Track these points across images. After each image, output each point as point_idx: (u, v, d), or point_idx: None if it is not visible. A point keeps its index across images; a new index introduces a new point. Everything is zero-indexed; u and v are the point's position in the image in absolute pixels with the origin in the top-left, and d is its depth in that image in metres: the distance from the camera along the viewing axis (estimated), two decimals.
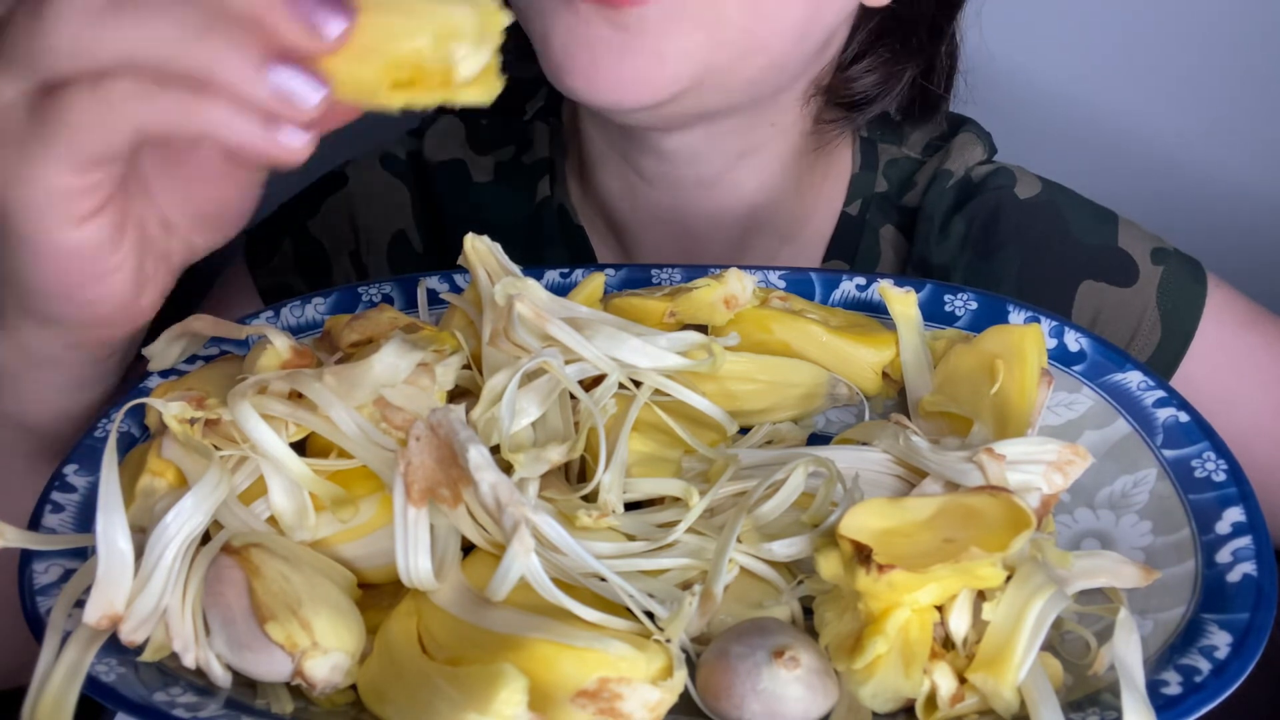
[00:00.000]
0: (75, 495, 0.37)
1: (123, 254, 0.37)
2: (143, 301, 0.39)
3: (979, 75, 0.61)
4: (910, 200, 0.60)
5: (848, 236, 0.61)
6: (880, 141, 0.62)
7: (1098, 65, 0.81)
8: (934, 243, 0.58)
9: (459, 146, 0.64)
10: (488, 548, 0.33)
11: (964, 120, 0.62)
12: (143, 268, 0.38)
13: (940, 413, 0.41)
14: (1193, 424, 0.39)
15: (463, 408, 0.34)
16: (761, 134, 0.55)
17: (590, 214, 0.62)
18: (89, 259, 0.36)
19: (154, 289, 0.40)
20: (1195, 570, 0.34)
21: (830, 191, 0.61)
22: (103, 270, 0.37)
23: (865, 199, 0.61)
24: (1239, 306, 0.56)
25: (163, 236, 0.39)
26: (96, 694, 0.30)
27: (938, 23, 0.57)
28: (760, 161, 0.57)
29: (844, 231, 0.61)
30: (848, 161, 0.61)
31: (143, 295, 0.39)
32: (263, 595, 0.31)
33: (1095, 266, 0.55)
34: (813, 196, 0.60)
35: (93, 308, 0.38)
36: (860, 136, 0.61)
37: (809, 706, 0.30)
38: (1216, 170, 0.82)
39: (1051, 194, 0.58)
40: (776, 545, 0.34)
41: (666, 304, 0.43)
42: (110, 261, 0.37)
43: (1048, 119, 0.82)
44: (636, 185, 0.58)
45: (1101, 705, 0.30)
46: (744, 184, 0.57)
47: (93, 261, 0.36)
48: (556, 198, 0.62)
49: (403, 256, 0.63)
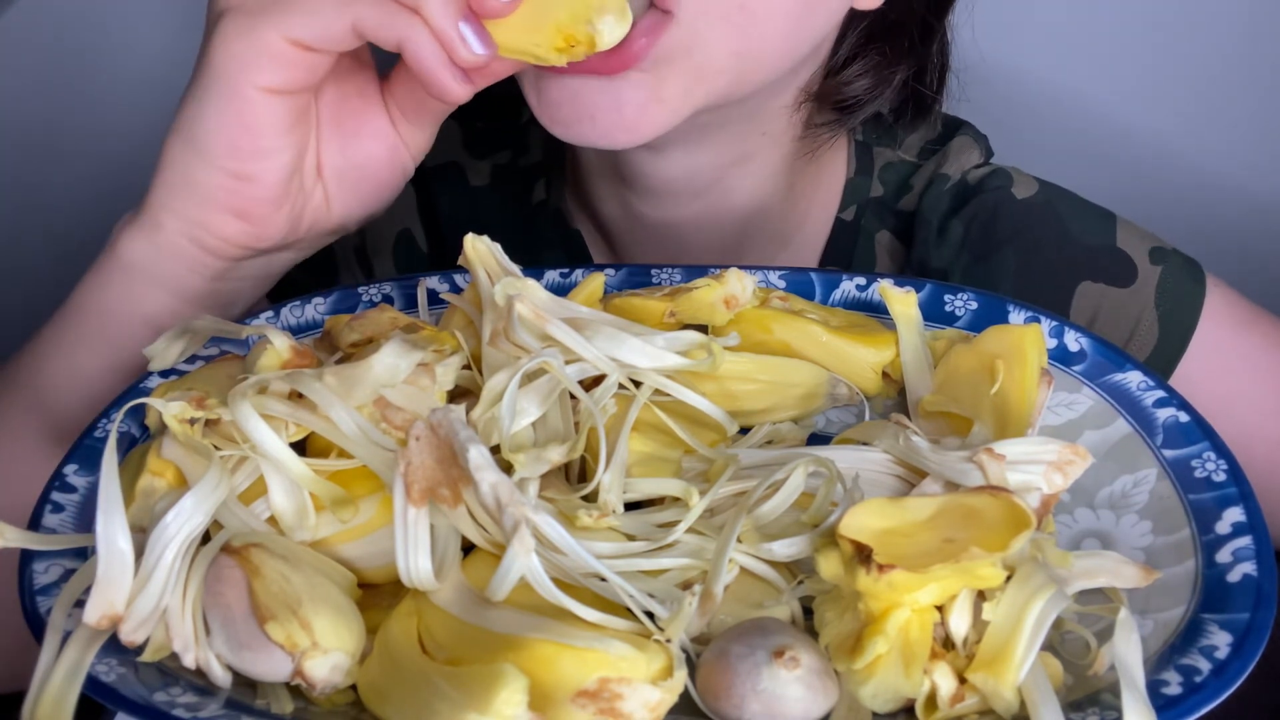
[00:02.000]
0: (75, 495, 0.37)
1: (284, 148, 0.43)
2: (276, 215, 0.44)
3: (973, 76, 0.61)
4: (907, 205, 0.60)
5: (842, 242, 0.60)
6: (875, 145, 0.61)
7: (1094, 65, 0.81)
8: (932, 246, 0.58)
9: (456, 150, 0.64)
10: (488, 548, 0.33)
11: (960, 123, 0.62)
12: (290, 181, 0.44)
13: (940, 413, 0.41)
14: (1193, 424, 0.39)
15: (463, 408, 0.34)
16: (753, 142, 0.55)
17: (584, 218, 0.62)
18: (260, 125, 0.42)
19: (288, 215, 0.45)
20: (1195, 570, 0.34)
21: (824, 197, 0.61)
22: (264, 146, 0.43)
23: (860, 204, 0.60)
24: (1238, 307, 0.56)
25: (311, 175, 0.45)
26: (96, 694, 0.30)
27: (928, 23, 0.56)
28: (752, 169, 0.56)
29: (838, 237, 0.60)
30: (842, 166, 0.61)
31: (278, 209, 0.44)
32: (263, 595, 0.31)
33: (1093, 267, 0.55)
34: (806, 202, 0.60)
35: (242, 182, 0.43)
36: (855, 140, 0.61)
37: (809, 706, 0.30)
38: (1213, 170, 0.82)
39: (1049, 195, 0.57)
40: (776, 545, 0.34)
41: (666, 304, 0.43)
42: (273, 142, 0.43)
43: (1043, 120, 0.82)
44: (627, 195, 0.58)
45: (1101, 705, 0.30)
46: (736, 192, 0.57)
47: (261, 131, 0.42)
48: (552, 201, 0.62)
49: (408, 255, 0.64)
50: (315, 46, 0.41)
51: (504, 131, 0.64)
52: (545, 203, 0.62)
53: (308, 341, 0.42)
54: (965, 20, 0.59)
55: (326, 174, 0.46)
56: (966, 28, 0.59)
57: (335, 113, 0.46)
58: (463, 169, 0.64)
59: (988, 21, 0.61)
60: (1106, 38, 0.80)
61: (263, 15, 0.41)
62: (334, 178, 0.46)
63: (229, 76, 0.42)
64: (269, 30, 0.41)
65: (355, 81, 0.46)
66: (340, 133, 0.46)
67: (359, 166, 0.46)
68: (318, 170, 0.46)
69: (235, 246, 0.45)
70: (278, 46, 0.41)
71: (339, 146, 0.46)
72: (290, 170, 0.44)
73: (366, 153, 0.46)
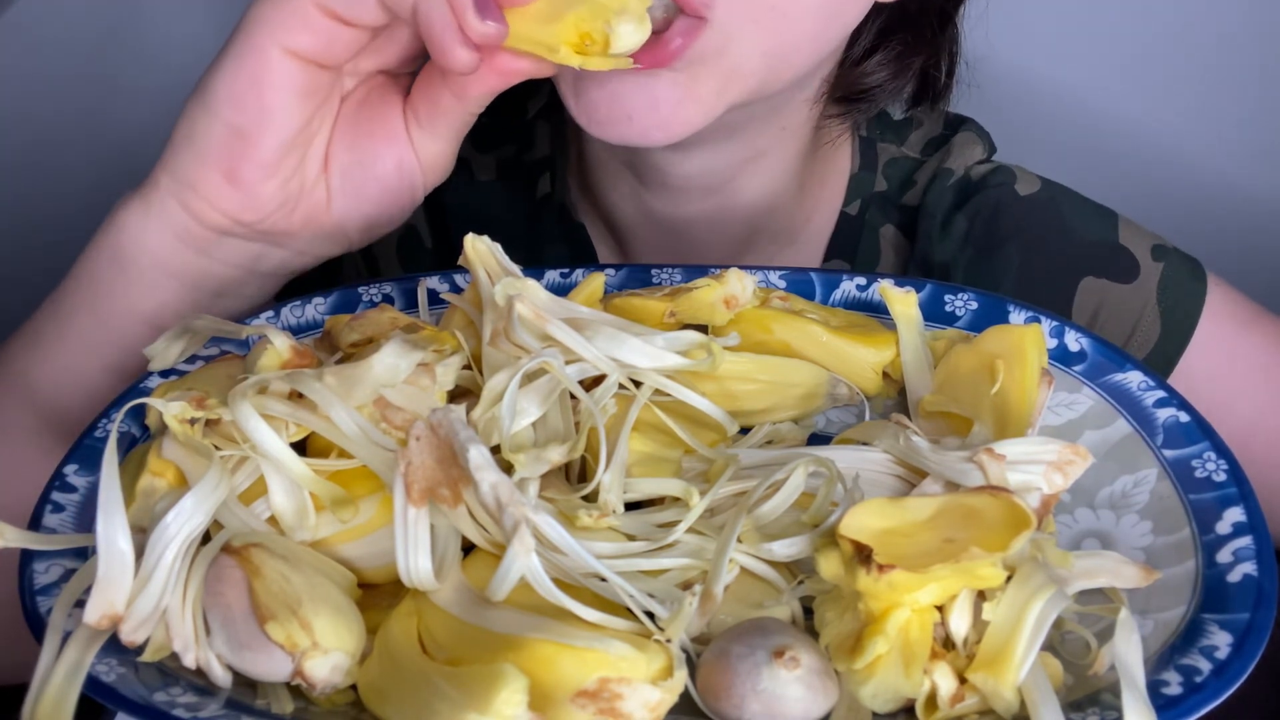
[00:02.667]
0: (75, 495, 0.37)
1: (288, 115, 0.43)
2: (266, 185, 0.44)
3: (978, 73, 0.61)
4: (910, 199, 0.60)
5: (847, 236, 0.61)
6: (880, 141, 0.62)
7: (1095, 63, 0.81)
8: (935, 240, 0.58)
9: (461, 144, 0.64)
10: (488, 548, 0.33)
11: (963, 120, 0.62)
12: (288, 154, 0.44)
13: (940, 413, 0.41)
14: (1193, 424, 0.39)
15: (463, 408, 0.34)
16: (771, 137, 0.55)
17: (590, 212, 0.62)
18: (270, 82, 0.42)
19: (279, 192, 0.44)
20: (1195, 570, 0.34)
21: (829, 192, 0.61)
22: (268, 104, 0.43)
23: (865, 199, 0.61)
24: (1239, 305, 0.56)
25: (316, 166, 0.46)
26: (96, 694, 0.30)
27: (945, 11, 0.57)
28: (767, 164, 0.57)
29: (843, 232, 0.61)
30: (847, 161, 0.61)
31: (269, 178, 0.44)
32: (263, 595, 0.31)
33: (1096, 262, 0.56)
34: (813, 197, 0.60)
35: (239, 139, 0.43)
36: (859, 136, 0.61)
37: (809, 706, 0.30)
38: (1216, 169, 0.82)
39: (1051, 192, 0.58)
40: (776, 545, 0.34)
41: (666, 304, 0.43)
42: (279, 102, 0.43)
43: (1045, 118, 0.82)
44: (638, 190, 0.58)
45: (1101, 705, 0.30)
46: (748, 188, 0.57)
47: (269, 88, 0.42)
48: (557, 195, 0.62)
49: (413, 251, 0.63)
50: (344, 17, 0.42)
51: (510, 126, 0.64)
52: (550, 196, 0.62)
53: (308, 341, 0.42)
54: (977, 18, 0.59)
55: (332, 168, 0.46)
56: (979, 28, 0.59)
57: (355, 113, 0.46)
58: (468, 163, 0.64)
59: (991, 19, 0.61)
60: (1108, 35, 0.80)
61: None
62: (338, 174, 0.46)
63: (254, 33, 0.42)
64: None
65: (385, 94, 0.46)
66: (354, 131, 0.46)
67: (365, 166, 0.46)
68: (324, 163, 0.46)
69: (220, 213, 0.44)
70: (309, 10, 0.41)
71: (350, 143, 0.46)
72: (289, 141, 0.44)
73: (375, 154, 0.46)
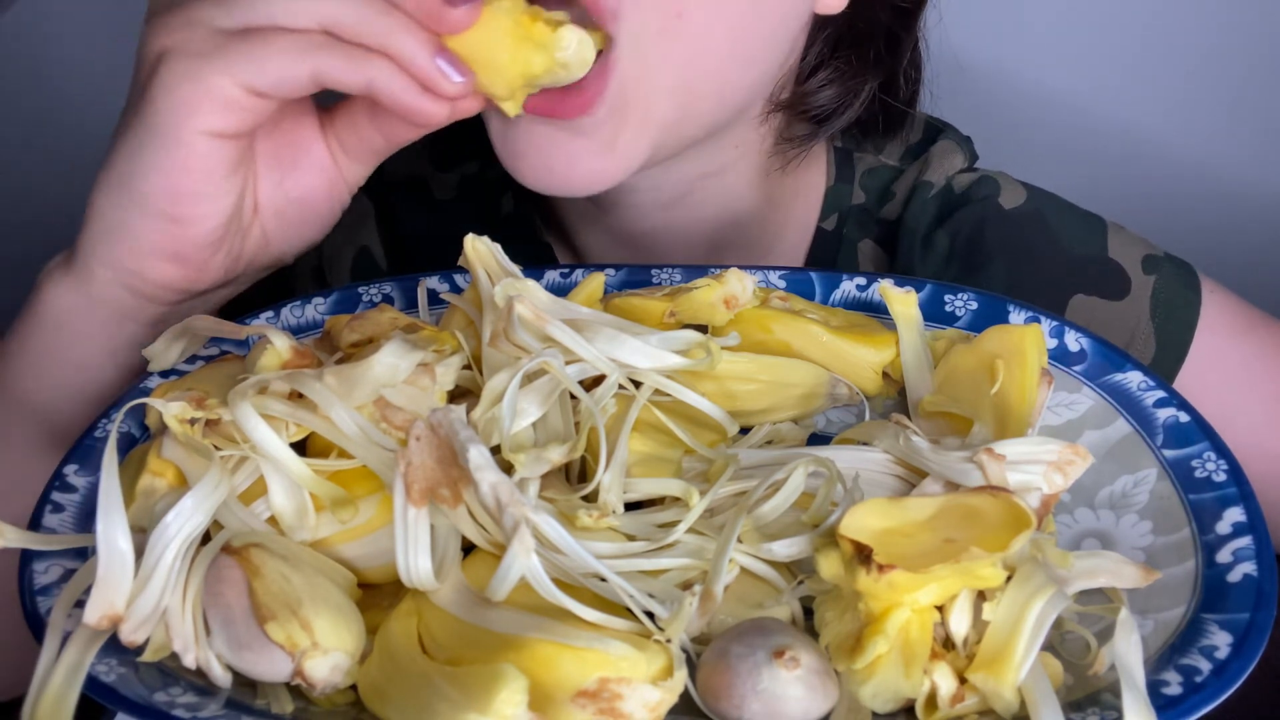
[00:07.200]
0: (75, 495, 0.37)
1: (225, 192, 0.42)
2: (214, 259, 0.43)
3: (955, 76, 0.60)
4: (889, 213, 0.59)
5: (824, 252, 0.59)
6: (856, 150, 0.60)
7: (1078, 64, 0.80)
8: (917, 257, 0.56)
9: (420, 164, 0.63)
10: (488, 548, 0.33)
11: (942, 126, 0.60)
12: (229, 223, 0.43)
13: (940, 413, 0.41)
14: (1193, 424, 0.39)
15: (463, 408, 0.34)
16: (724, 155, 0.54)
17: (554, 229, 0.61)
18: (202, 170, 0.41)
19: (225, 257, 0.44)
20: (1195, 570, 0.34)
21: (803, 206, 0.60)
22: (206, 191, 0.41)
23: (842, 213, 0.59)
24: (1234, 313, 0.54)
25: (249, 213, 0.44)
26: (96, 694, 0.30)
27: (894, 33, 0.55)
28: (723, 181, 0.56)
29: (820, 247, 0.59)
30: (821, 174, 0.60)
31: (216, 252, 0.43)
32: (263, 595, 0.31)
33: (1086, 280, 0.54)
34: (784, 211, 0.59)
35: (179, 226, 0.42)
36: (834, 147, 0.60)
37: (809, 706, 0.30)
38: (1204, 168, 0.82)
39: (1038, 203, 0.56)
40: (776, 545, 0.34)
41: (666, 304, 0.43)
42: (215, 186, 0.41)
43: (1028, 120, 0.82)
44: (591, 207, 0.57)
45: (1102, 705, 0.30)
46: (707, 204, 0.56)
47: (203, 176, 0.41)
48: (521, 213, 0.61)
49: (367, 273, 0.62)
50: (270, 93, 0.40)
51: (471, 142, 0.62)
52: (514, 215, 0.61)
53: (308, 341, 0.42)
54: (959, 21, 0.58)
55: (264, 211, 0.45)
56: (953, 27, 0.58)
57: (273, 147, 0.44)
58: (426, 182, 0.63)
59: (972, 21, 0.60)
60: (1091, 36, 0.80)
61: (211, 59, 0.39)
62: (271, 214, 0.45)
63: (172, 122, 0.40)
64: (219, 75, 0.39)
65: (293, 114, 0.45)
66: (278, 167, 0.45)
67: (297, 201, 0.45)
68: (254, 208, 0.45)
69: (172, 291, 0.44)
70: (228, 92, 0.39)
71: (277, 181, 0.45)
72: (230, 214, 0.43)
73: (305, 186, 0.45)
